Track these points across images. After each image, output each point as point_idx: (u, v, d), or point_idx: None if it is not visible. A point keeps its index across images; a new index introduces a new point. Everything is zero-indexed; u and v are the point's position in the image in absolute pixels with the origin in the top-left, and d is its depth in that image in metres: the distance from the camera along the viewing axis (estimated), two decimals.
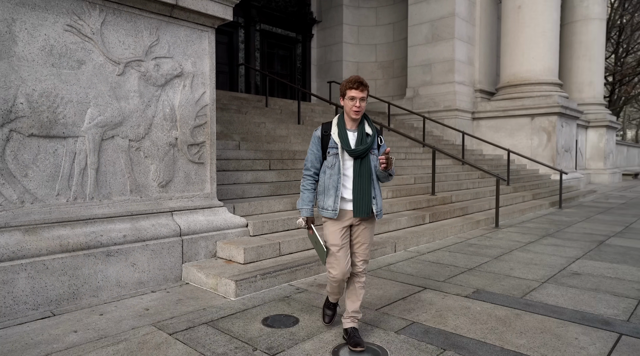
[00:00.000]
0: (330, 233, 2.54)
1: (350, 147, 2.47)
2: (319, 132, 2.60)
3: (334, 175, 2.50)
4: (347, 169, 2.51)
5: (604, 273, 4.09)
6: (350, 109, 2.47)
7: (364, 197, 2.46)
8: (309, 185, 2.62)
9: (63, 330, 2.76)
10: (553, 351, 2.46)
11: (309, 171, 2.62)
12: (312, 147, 2.61)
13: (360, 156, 2.48)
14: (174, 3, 3.83)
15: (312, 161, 2.61)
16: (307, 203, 2.60)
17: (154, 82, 3.85)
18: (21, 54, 3.11)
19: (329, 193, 2.51)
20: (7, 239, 3.00)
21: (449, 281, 3.85)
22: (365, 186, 2.47)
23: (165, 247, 3.77)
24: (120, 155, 3.66)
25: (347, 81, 2.48)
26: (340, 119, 2.56)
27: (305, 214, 2.60)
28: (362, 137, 2.51)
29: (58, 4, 3.28)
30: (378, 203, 2.55)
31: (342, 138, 2.48)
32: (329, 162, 2.54)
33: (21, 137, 3.13)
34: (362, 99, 2.46)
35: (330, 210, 2.50)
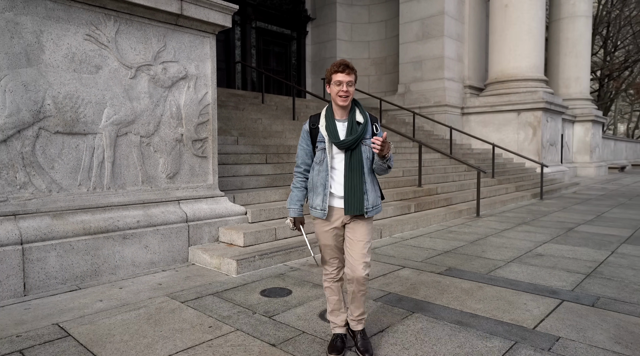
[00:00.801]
0: (321, 234, 2.39)
1: (338, 138, 2.28)
2: (307, 125, 2.41)
3: (322, 171, 2.32)
4: (338, 163, 2.32)
5: (564, 254, 4.60)
6: (337, 95, 2.28)
7: (355, 193, 2.27)
8: (298, 183, 2.43)
9: (90, 300, 3.22)
10: (503, 313, 2.95)
11: (299, 168, 2.44)
12: (302, 142, 2.44)
13: (350, 148, 2.28)
14: (179, 13, 4.26)
15: (302, 157, 2.43)
16: (294, 202, 2.42)
17: (162, 84, 4.29)
18: (48, 61, 3.54)
19: (317, 190, 2.34)
20: (39, 223, 3.45)
21: (425, 261, 4.34)
22: (357, 180, 2.27)
23: (174, 232, 4.24)
24: (133, 150, 4.11)
25: (332, 65, 2.29)
26: (329, 110, 2.36)
27: (293, 214, 2.43)
28: (352, 127, 2.30)
29: (78, 16, 3.71)
30: (369, 199, 2.32)
31: (329, 131, 2.29)
32: (317, 158, 2.36)
33: (48, 134, 3.57)
34: (350, 83, 2.26)
35: (319, 209, 2.33)
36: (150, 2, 4.03)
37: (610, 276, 3.81)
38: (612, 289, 3.47)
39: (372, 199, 2.34)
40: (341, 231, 2.38)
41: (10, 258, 3.25)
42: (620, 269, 4.04)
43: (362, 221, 2.35)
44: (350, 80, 2.27)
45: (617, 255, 4.57)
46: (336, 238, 2.38)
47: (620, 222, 6.66)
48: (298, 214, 2.44)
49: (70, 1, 3.63)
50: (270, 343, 2.50)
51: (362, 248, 2.32)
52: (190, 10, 4.33)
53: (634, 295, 3.33)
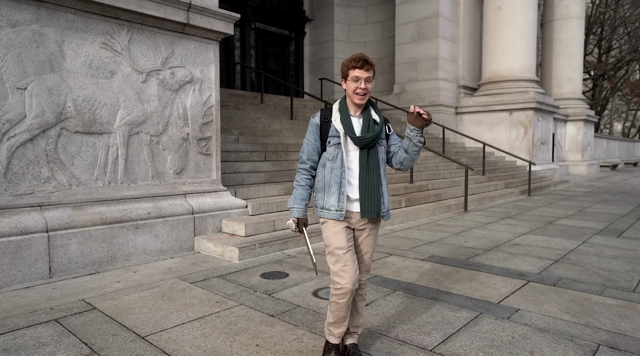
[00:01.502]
0: (333, 235, 2.16)
1: (355, 134, 2.13)
2: (317, 118, 2.24)
3: (337, 169, 2.14)
4: (351, 162, 2.16)
5: (539, 244, 5.01)
6: (354, 92, 2.13)
7: (373, 194, 2.12)
8: (303, 181, 2.23)
9: (109, 281, 3.62)
10: (474, 291, 3.36)
11: (305, 164, 2.24)
12: (309, 137, 2.23)
13: (368, 146, 2.13)
14: (185, 22, 4.65)
15: (309, 152, 2.23)
16: (299, 201, 2.22)
17: (170, 87, 4.68)
18: (69, 68, 3.93)
19: (331, 190, 2.14)
20: (62, 213, 3.84)
21: (411, 250, 4.74)
22: (374, 181, 2.12)
23: (181, 222, 4.63)
24: (144, 147, 4.50)
25: (350, 60, 2.12)
26: (342, 104, 2.21)
27: (297, 214, 2.22)
28: (368, 124, 2.15)
29: (95, 26, 4.09)
30: (385, 202, 2.19)
31: (345, 124, 2.13)
32: (329, 154, 2.17)
33: (69, 133, 3.96)
34: (368, 79, 2.12)
35: (334, 210, 2.14)
36: (160, 13, 4.41)
37: (576, 262, 4.22)
38: (574, 272, 3.88)
39: (387, 202, 2.20)
40: (351, 233, 2.21)
41: (37, 244, 3.64)
42: (586, 256, 4.45)
43: (373, 229, 2.23)
44: (369, 76, 2.12)
45: (586, 245, 4.98)
46: (349, 239, 2.18)
47: (598, 216, 7.07)
48: (302, 215, 2.23)
49: (88, 13, 4.02)
50: (269, 314, 2.90)
51: (368, 258, 2.27)
52: (196, 19, 4.72)
53: (591, 277, 3.73)
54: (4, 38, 3.55)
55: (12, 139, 3.63)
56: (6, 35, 3.56)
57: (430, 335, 2.58)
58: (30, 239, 3.60)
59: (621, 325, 2.73)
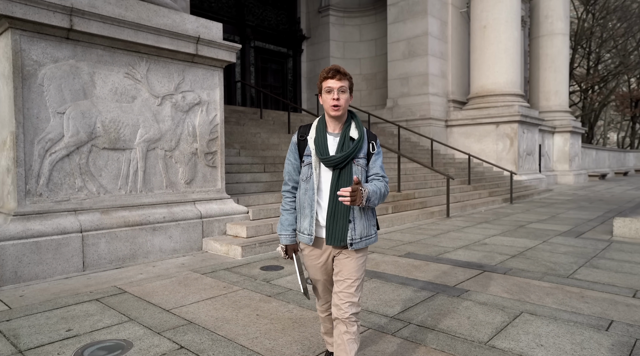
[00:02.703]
0: (309, 267, 2.14)
1: (326, 154, 1.99)
2: (295, 136, 2.14)
3: (309, 190, 2.03)
4: (324, 183, 2.02)
5: (504, 243, 5.71)
6: (329, 105, 1.99)
7: (338, 220, 1.97)
8: (287, 204, 2.14)
9: (133, 273, 4.32)
10: (436, 278, 4.05)
11: (287, 185, 2.15)
12: (289, 156, 2.14)
13: (338, 166, 1.98)
14: (195, 53, 5.41)
15: (290, 173, 2.13)
16: (285, 227, 2.13)
17: (181, 109, 5.42)
18: (98, 95, 4.67)
19: (304, 212, 2.05)
20: (92, 217, 4.55)
21: (391, 248, 5.44)
22: (342, 205, 1.96)
23: (191, 226, 5.34)
24: (159, 161, 5.23)
25: (322, 71, 2.02)
26: (321, 121, 2.08)
27: (284, 241, 2.13)
28: (344, 142, 2.00)
29: (120, 59, 4.85)
30: (357, 228, 1.99)
31: (317, 144, 2.01)
32: (303, 174, 2.06)
33: (98, 149, 4.69)
34: (342, 90, 1.98)
35: (306, 234, 2.05)
36: (173, 46, 5.18)
37: (530, 257, 4.91)
38: (525, 264, 4.58)
39: (360, 229, 2.00)
40: (332, 263, 2.09)
41: (73, 243, 4.34)
42: (541, 252, 5.15)
43: (351, 256, 2.02)
44: (343, 86, 1.98)
45: (545, 244, 5.68)
46: (326, 272, 2.11)
47: (567, 221, 7.77)
48: (290, 241, 2.13)
49: (114, 48, 4.78)
50: (267, 295, 3.59)
51: (348, 286, 2.01)
52: (203, 50, 5.48)
53: (538, 267, 4.43)
54: (48, 72, 4.30)
55: (53, 155, 4.36)
56: (50, 70, 4.31)
57: (394, 308, 3.27)
58: (68, 238, 4.31)
59: (545, 299, 3.42)
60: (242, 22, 15.70)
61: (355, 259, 2.03)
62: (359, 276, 2.04)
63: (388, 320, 3.02)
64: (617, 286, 3.79)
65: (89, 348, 2.59)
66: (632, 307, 3.25)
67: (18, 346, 2.63)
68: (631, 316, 3.07)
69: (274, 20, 17.02)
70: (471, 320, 3.01)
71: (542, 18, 19.19)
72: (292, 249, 2.16)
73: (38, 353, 2.54)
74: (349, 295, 2.00)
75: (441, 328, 2.87)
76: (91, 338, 2.73)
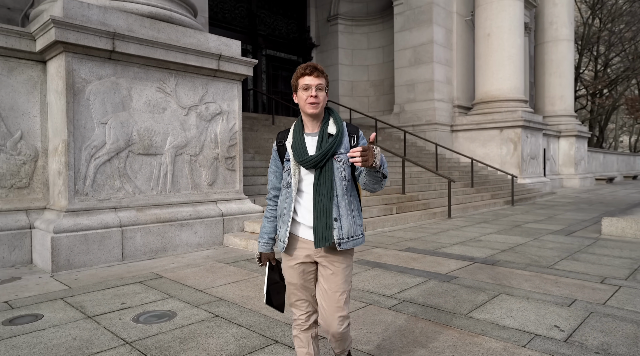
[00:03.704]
0: (286, 269, 2.02)
1: (302, 156, 1.92)
2: (275, 143, 2.07)
3: (289, 196, 1.97)
4: (307, 185, 1.96)
5: (497, 240, 6.23)
6: (306, 102, 1.91)
7: (323, 220, 1.90)
8: (269, 212, 2.10)
9: (165, 263, 4.94)
10: (431, 268, 4.61)
11: (270, 193, 2.11)
12: (272, 163, 2.09)
13: (318, 165, 1.91)
14: (217, 68, 6.05)
15: (272, 181, 2.09)
16: (262, 235, 2.10)
17: (205, 118, 6.05)
18: (134, 107, 5.32)
19: (283, 219, 1.99)
20: (129, 214, 5.19)
21: (393, 244, 6.00)
22: (324, 204, 1.90)
23: (213, 223, 5.95)
24: (185, 165, 5.86)
25: (298, 68, 1.95)
26: (298, 124, 2.00)
27: (260, 248, 2.10)
28: (322, 140, 1.93)
29: (153, 75, 5.50)
30: (343, 226, 1.92)
31: (295, 148, 1.95)
32: (284, 180, 2.01)
33: (133, 155, 5.33)
34: (320, 87, 1.92)
35: (281, 242, 1.98)
36: (199, 63, 5.82)
37: (519, 251, 5.44)
38: (512, 257, 5.11)
39: (347, 227, 1.93)
40: (310, 267, 1.99)
41: (115, 236, 4.98)
42: (530, 248, 5.68)
43: (337, 262, 1.96)
44: (320, 83, 1.92)
45: (536, 240, 6.19)
46: (303, 275, 1.98)
47: (562, 221, 8.26)
48: (265, 250, 2.09)
49: (148, 66, 5.43)
50: None
51: (337, 300, 1.95)
52: (224, 66, 6.12)
53: (523, 260, 4.96)
54: (94, 88, 4.96)
55: (97, 160, 5.01)
56: (95, 86, 4.97)
57: (391, 289, 3.84)
58: (110, 232, 4.95)
59: (523, 284, 3.97)
60: (254, 31, 16.40)
61: (341, 270, 1.96)
62: (346, 287, 1.98)
63: (386, 298, 3.59)
64: (590, 274, 4.32)
65: (142, 315, 3.20)
66: (596, 290, 3.78)
67: (86, 313, 3.25)
68: (593, 296, 3.60)
69: (285, 29, 17.70)
70: (456, 299, 3.57)
71: (546, 24, 19.63)
72: (267, 258, 2.11)
73: (103, 318, 3.16)
74: (337, 309, 1.95)
75: (429, 304, 3.43)
76: (142, 309, 3.34)
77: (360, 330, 2.90)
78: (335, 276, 1.96)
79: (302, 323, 2.04)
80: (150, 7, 5.53)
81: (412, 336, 2.81)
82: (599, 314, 3.18)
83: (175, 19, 5.75)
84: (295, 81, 1.96)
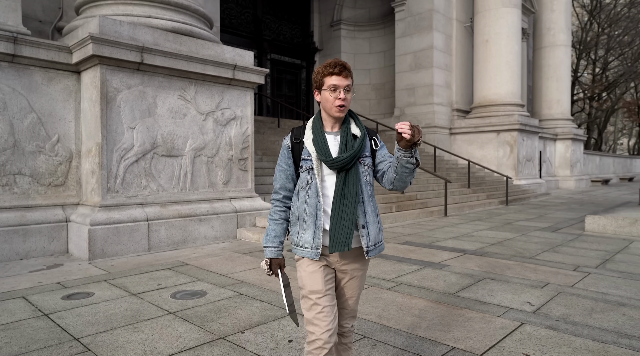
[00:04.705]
0: (308, 275, 1.85)
1: (329, 156, 1.81)
2: (288, 140, 1.95)
3: (311, 198, 1.84)
4: (328, 188, 1.85)
5: (488, 235, 6.79)
6: (333, 105, 1.81)
7: (344, 225, 1.78)
8: (276, 214, 1.95)
9: (187, 253, 5.50)
10: (426, 258, 5.16)
11: (278, 194, 1.95)
12: (281, 162, 1.95)
13: (345, 168, 1.80)
14: (232, 77, 6.61)
15: (282, 180, 1.94)
16: (271, 239, 1.93)
17: (221, 123, 6.62)
18: (159, 113, 5.89)
19: (306, 223, 1.84)
20: (154, 210, 5.76)
21: (393, 238, 6.55)
22: (349, 209, 1.79)
23: (228, 218, 6.52)
24: (203, 166, 6.42)
25: (325, 66, 1.82)
26: (317, 121, 1.90)
27: (269, 254, 1.92)
28: (346, 140, 1.83)
29: (175, 84, 6.06)
30: (371, 234, 1.84)
31: (317, 145, 1.83)
32: (302, 181, 1.88)
33: (157, 156, 5.90)
34: (347, 88, 1.81)
35: (309, 248, 1.83)
36: (216, 72, 6.38)
37: (506, 245, 6.00)
38: (500, 249, 5.67)
39: (374, 234, 1.86)
40: (332, 273, 1.89)
41: (142, 229, 5.55)
42: (517, 242, 6.23)
43: (357, 270, 1.89)
44: (348, 84, 1.81)
45: (523, 236, 6.74)
46: (328, 281, 1.86)
47: (551, 220, 8.80)
48: (276, 255, 1.92)
49: (171, 76, 6.00)
50: (293, 267, 4.74)
51: (353, 303, 1.94)
52: (239, 75, 6.69)
53: (509, 252, 5.52)
54: (124, 96, 5.53)
55: (126, 160, 5.58)
56: (125, 95, 5.54)
57: (390, 274, 4.40)
58: (138, 226, 5.52)
59: (506, 271, 4.52)
60: (260, 36, 16.99)
61: (359, 277, 1.92)
62: (360, 292, 1.97)
63: (385, 281, 4.15)
64: (566, 264, 4.87)
65: (178, 293, 3.77)
66: (568, 276, 4.33)
67: (129, 292, 3.82)
68: (564, 280, 4.16)
69: (289, 34, 18.29)
70: (446, 282, 4.12)
71: (544, 30, 20.19)
72: (277, 264, 1.92)
73: (145, 295, 3.72)
74: (351, 312, 1.97)
75: (422, 286, 3.99)
76: (176, 289, 3.91)
77: (364, 305, 3.46)
78: (354, 281, 1.92)
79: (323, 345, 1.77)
80: (174, 23, 6.10)
81: (407, 309, 3.37)
82: (566, 293, 3.73)
83: (195, 32, 6.32)
84: (320, 78, 1.84)
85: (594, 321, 3.08)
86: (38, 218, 5.33)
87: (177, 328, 2.99)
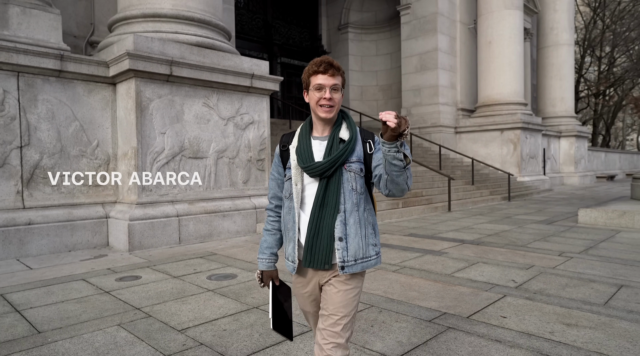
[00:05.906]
0: (298, 296, 1.84)
1: (308, 161, 1.68)
2: (278, 147, 1.84)
3: (293, 209, 1.72)
4: (310, 197, 1.72)
5: (487, 227, 7.35)
6: (317, 105, 1.67)
7: (322, 238, 1.65)
8: (269, 224, 1.87)
9: (214, 245, 6.15)
10: (428, 247, 5.75)
11: (271, 204, 1.87)
12: (273, 170, 1.86)
13: (325, 175, 1.66)
14: (250, 85, 7.25)
15: (274, 189, 1.86)
16: (263, 250, 1.86)
17: (240, 127, 7.26)
18: (185, 119, 6.54)
19: (288, 234, 1.75)
20: (183, 206, 6.42)
21: (399, 231, 7.15)
22: (327, 220, 1.66)
23: (248, 214, 7.16)
24: (225, 166, 7.07)
25: (310, 64, 1.68)
26: (306, 125, 1.79)
27: (260, 266, 1.85)
28: (331, 145, 1.69)
29: (199, 92, 6.71)
30: (350, 247, 1.67)
31: (299, 153, 1.71)
32: (286, 190, 1.77)
33: (185, 158, 6.55)
34: (335, 88, 1.66)
35: (290, 261, 1.76)
36: (236, 81, 7.02)
37: (502, 236, 6.56)
38: (495, 239, 6.23)
39: (354, 248, 1.68)
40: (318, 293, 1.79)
41: (174, 223, 6.21)
42: (511, 233, 6.79)
43: (340, 284, 1.70)
44: (336, 83, 1.67)
45: (519, 228, 7.30)
46: (317, 303, 1.80)
47: (549, 213, 9.33)
48: (267, 267, 1.84)
49: (196, 85, 6.65)
50: None
51: (333, 324, 1.68)
52: (256, 83, 7.32)
53: (503, 241, 6.08)
54: (155, 105, 6.19)
55: (158, 162, 6.24)
56: (156, 103, 6.20)
57: (395, 260, 5.00)
58: (170, 221, 6.18)
59: (497, 257, 5.10)
60: (270, 41, 17.64)
61: (344, 291, 1.69)
62: (347, 312, 1.69)
63: (391, 266, 4.75)
64: (553, 250, 5.44)
65: (212, 276, 4.41)
66: (552, 260, 4.90)
67: (171, 275, 4.47)
68: (548, 264, 4.73)
69: (298, 38, 18.92)
70: (444, 265, 4.72)
71: (547, 30, 20.59)
72: (269, 276, 1.84)
73: (185, 277, 4.36)
74: (333, 334, 1.66)
75: (424, 269, 4.59)
76: (210, 273, 4.55)
77: (372, 283, 4.07)
78: (338, 294, 1.68)
79: None
80: (198, 37, 6.75)
81: (409, 286, 3.97)
82: (547, 273, 4.31)
83: (216, 45, 6.97)
84: (306, 78, 1.71)
85: (565, 294, 3.66)
86: (82, 215, 6.01)
87: (217, 301, 3.63)
